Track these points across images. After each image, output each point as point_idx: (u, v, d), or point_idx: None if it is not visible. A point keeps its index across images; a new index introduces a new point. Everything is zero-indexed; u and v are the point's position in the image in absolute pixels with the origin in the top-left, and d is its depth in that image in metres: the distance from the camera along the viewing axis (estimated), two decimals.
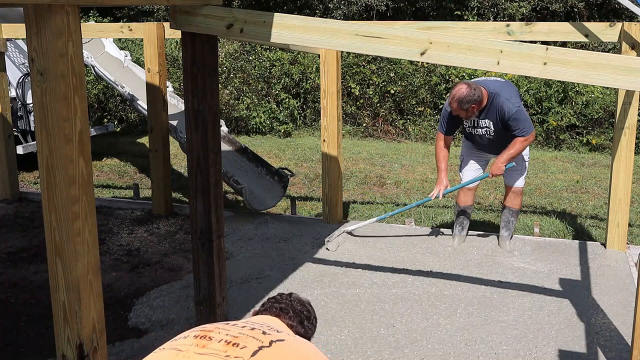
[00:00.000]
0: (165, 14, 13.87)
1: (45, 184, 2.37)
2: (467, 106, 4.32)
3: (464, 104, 4.31)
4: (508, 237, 4.82)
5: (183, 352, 1.57)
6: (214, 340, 1.60)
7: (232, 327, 1.68)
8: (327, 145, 5.26)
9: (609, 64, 2.45)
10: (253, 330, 1.67)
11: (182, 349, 1.58)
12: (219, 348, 1.56)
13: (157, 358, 1.59)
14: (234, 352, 1.55)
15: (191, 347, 1.58)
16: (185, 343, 1.61)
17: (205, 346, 1.58)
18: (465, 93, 4.28)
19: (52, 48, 2.25)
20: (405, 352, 3.28)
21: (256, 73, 10.91)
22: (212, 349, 1.57)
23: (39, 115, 2.32)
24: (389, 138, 10.37)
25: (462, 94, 4.28)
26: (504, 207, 4.84)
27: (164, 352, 1.60)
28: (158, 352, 1.62)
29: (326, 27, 2.82)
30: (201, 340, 1.60)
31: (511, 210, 4.78)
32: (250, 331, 1.66)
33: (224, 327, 1.68)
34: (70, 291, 2.41)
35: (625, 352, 3.24)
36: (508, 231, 4.81)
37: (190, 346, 1.59)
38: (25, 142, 7.56)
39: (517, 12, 12.03)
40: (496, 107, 4.36)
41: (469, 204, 4.88)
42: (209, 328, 1.67)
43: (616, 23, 4.38)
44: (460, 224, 4.89)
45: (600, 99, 9.38)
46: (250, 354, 1.55)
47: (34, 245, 4.93)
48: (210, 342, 1.60)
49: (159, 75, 5.59)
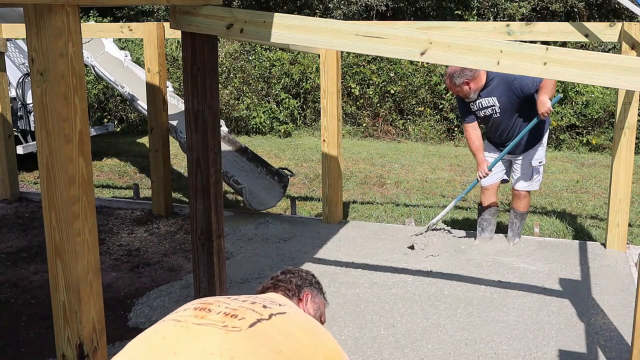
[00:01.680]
0: (165, 14, 13.87)
1: (45, 184, 2.37)
2: (460, 81, 4.41)
3: (454, 78, 4.41)
4: (512, 238, 4.84)
5: (182, 322, 1.59)
6: (213, 312, 1.62)
7: (233, 300, 1.70)
8: (327, 145, 5.26)
9: (609, 63, 2.45)
10: (254, 304, 1.69)
11: (181, 320, 1.61)
12: (217, 319, 1.59)
13: (158, 329, 1.61)
14: (232, 322, 1.57)
15: (190, 318, 1.60)
16: (185, 315, 1.63)
17: (204, 317, 1.60)
18: (456, 68, 4.37)
19: (52, 48, 2.25)
20: (405, 352, 3.28)
21: (256, 73, 10.91)
22: (211, 319, 1.59)
23: (39, 115, 2.32)
24: (389, 138, 10.37)
25: (453, 69, 4.40)
26: (510, 209, 4.90)
27: (164, 324, 1.63)
28: (159, 323, 1.64)
29: (326, 27, 2.82)
30: (200, 312, 1.63)
31: (515, 212, 4.81)
32: (250, 305, 1.68)
33: (225, 300, 1.70)
34: (70, 291, 2.41)
35: (625, 352, 3.24)
36: (512, 232, 4.85)
37: (190, 317, 1.61)
38: (25, 142, 7.56)
39: (517, 12, 12.03)
40: (499, 81, 4.43)
41: (488, 203, 4.85)
42: (209, 301, 1.70)
43: (616, 23, 4.38)
44: (480, 225, 4.90)
45: (600, 99, 9.38)
46: (248, 325, 1.57)
47: (34, 245, 4.93)
48: (209, 313, 1.62)
49: (159, 75, 5.59)
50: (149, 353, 1.53)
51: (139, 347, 1.57)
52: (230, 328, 1.55)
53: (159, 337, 1.57)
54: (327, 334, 1.74)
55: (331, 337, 1.74)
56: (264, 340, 1.54)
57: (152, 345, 1.55)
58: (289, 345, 1.57)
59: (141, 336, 1.62)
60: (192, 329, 1.57)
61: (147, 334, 1.62)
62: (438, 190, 6.94)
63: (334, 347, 1.72)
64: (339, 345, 1.73)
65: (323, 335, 1.72)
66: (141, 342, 1.59)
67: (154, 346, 1.55)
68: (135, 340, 1.63)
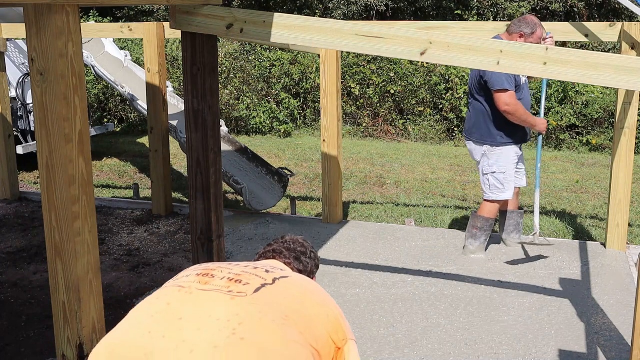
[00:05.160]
0: (165, 14, 13.87)
1: (45, 184, 2.37)
2: (513, 30, 4.18)
3: (511, 25, 4.20)
4: (519, 238, 4.69)
5: (185, 288, 1.58)
6: (216, 278, 1.61)
7: (235, 266, 1.70)
8: (327, 145, 5.26)
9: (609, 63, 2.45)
10: (256, 269, 1.69)
11: (184, 286, 1.59)
12: (221, 284, 1.57)
13: (161, 295, 1.59)
14: (237, 287, 1.56)
15: (194, 284, 1.59)
16: (188, 281, 1.62)
17: (207, 283, 1.59)
18: (521, 17, 4.25)
19: (52, 48, 2.25)
20: (405, 352, 3.27)
21: (256, 73, 10.91)
22: (215, 285, 1.58)
23: (39, 115, 2.32)
24: (389, 138, 10.37)
25: (519, 18, 4.24)
26: (514, 210, 4.69)
27: (167, 290, 1.61)
28: (162, 290, 1.63)
29: (326, 27, 2.82)
30: (204, 278, 1.61)
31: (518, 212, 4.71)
32: (253, 270, 1.67)
33: (227, 266, 1.70)
34: (70, 291, 2.41)
35: (625, 352, 3.24)
36: (519, 232, 4.71)
37: (193, 283, 1.60)
38: (25, 142, 7.56)
39: (517, 12, 12.03)
40: None
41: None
42: (212, 267, 1.69)
43: (616, 23, 4.38)
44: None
45: (600, 99, 9.38)
46: (253, 290, 1.56)
47: (34, 245, 4.93)
48: (213, 279, 1.61)
49: (159, 75, 5.59)
50: (153, 317, 1.51)
51: (143, 313, 1.55)
52: (235, 293, 1.54)
53: (163, 302, 1.55)
54: (329, 297, 1.75)
55: (333, 300, 1.74)
56: (270, 306, 1.53)
57: (157, 311, 1.53)
58: (294, 309, 1.57)
59: (145, 302, 1.61)
60: (197, 295, 1.55)
61: (150, 300, 1.60)
62: (438, 190, 6.94)
63: (335, 309, 1.71)
64: (340, 309, 1.73)
65: (325, 297, 1.72)
66: (146, 307, 1.57)
67: (159, 311, 1.53)
68: (139, 306, 1.62)
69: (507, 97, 4.11)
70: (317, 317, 1.61)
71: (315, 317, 1.60)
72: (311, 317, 1.59)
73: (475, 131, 4.39)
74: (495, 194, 4.41)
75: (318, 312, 1.62)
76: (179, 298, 1.55)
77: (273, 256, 2.00)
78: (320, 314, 1.62)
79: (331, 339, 1.63)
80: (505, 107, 4.13)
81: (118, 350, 1.47)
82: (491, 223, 4.53)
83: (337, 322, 1.67)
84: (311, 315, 1.59)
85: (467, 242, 4.60)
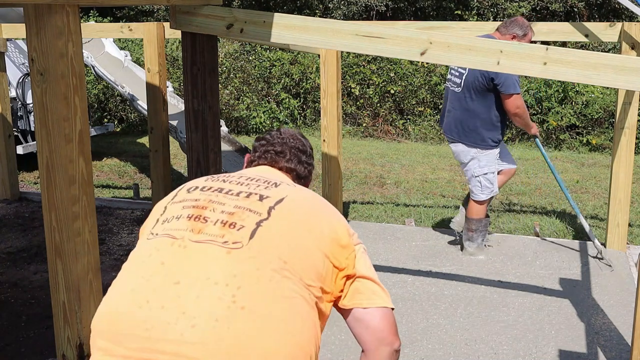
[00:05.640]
0: (165, 14, 13.87)
1: (45, 184, 2.37)
2: (506, 31, 4.21)
3: (504, 26, 4.23)
4: None
5: (178, 240, 1.50)
6: (209, 223, 1.52)
7: (228, 196, 1.59)
8: (327, 145, 5.26)
9: (609, 64, 2.45)
10: (249, 197, 1.58)
11: (177, 236, 1.51)
12: (215, 233, 1.49)
13: (153, 250, 1.51)
14: (232, 236, 1.48)
15: (186, 234, 1.50)
16: (179, 227, 1.52)
17: (201, 231, 1.50)
18: (514, 18, 4.28)
19: (52, 48, 2.25)
20: (405, 352, 3.27)
21: (256, 73, 10.91)
22: (208, 234, 1.49)
23: (39, 115, 2.32)
24: (389, 138, 10.37)
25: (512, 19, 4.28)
26: None
27: (159, 241, 1.52)
28: (154, 240, 1.54)
29: (326, 27, 2.82)
30: (196, 223, 1.52)
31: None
32: (246, 201, 1.57)
33: (219, 198, 1.58)
34: (70, 291, 2.41)
35: (625, 352, 3.24)
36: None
37: (185, 232, 1.51)
38: (25, 142, 7.56)
39: (517, 12, 12.03)
40: None
41: None
42: (203, 203, 1.57)
43: (616, 23, 4.38)
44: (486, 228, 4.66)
45: (600, 99, 9.38)
46: (249, 236, 1.48)
47: (34, 245, 4.93)
48: (206, 225, 1.51)
49: (159, 75, 5.59)
50: (149, 282, 1.44)
51: (138, 275, 1.47)
52: (231, 245, 1.46)
53: (157, 261, 1.47)
54: (332, 210, 1.65)
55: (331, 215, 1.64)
56: (267, 252, 1.46)
57: (151, 273, 1.46)
58: (292, 247, 1.49)
59: (138, 258, 1.52)
60: (191, 250, 1.47)
61: (143, 256, 1.51)
62: (438, 190, 6.93)
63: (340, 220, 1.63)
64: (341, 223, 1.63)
65: (327, 211, 1.64)
66: (140, 268, 1.49)
67: (153, 273, 1.45)
68: (132, 262, 1.52)
69: (519, 101, 4.21)
70: (320, 242, 1.53)
71: (319, 242, 1.53)
72: (311, 248, 1.51)
73: (467, 134, 4.35)
74: (486, 194, 4.43)
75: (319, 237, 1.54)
76: (172, 255, 1.47)
77: (274, 160, 1.86)
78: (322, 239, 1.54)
79: (332, 265, 1.55)
80: (516, 110, 4.22)
81: (119, 325, 1.41)
82: (485, 222, 4.54)
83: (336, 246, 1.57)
84: (311, 247, 1.51)
85: (465, 245, 4.60)
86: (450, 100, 4.45)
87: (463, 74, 4.31)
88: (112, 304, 1.47)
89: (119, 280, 1.52)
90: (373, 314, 1.60)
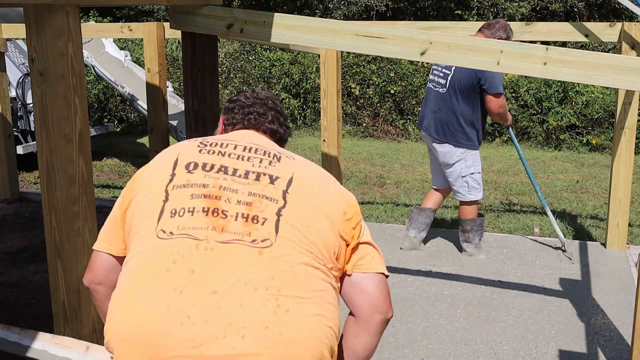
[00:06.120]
0: (165, 14, 13.87)
1: (45, 184, 2.37)
2: (489, 33, 4.23)
3: (487, 27, 4.27)
4: None
5: (203, 241, 1.41)
6: (229, 218, 1.44)
7: (237, 180, 1.51)
8: (327, 145, 5.26)
9: (609, 63, 2.45)
10: (259, 180, 1.52)
11: (199, 237, 1.41)
12: (240, 230, 1.43)
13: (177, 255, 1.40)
14: (258, 232, 1.43)
15: (209, 233, 1.42)
16: (199, 225, 1.43)
17: (224, 229, 1.42)
18: (498, 21, 4.33)
19: (52, 48, 2.25)
20: (405, 352, 3.27)
21: (256, 73, 10.91)
22: (234, 232, 1.42)
23: (39, 115, 2.32)
24: (389, 138, 10.37)
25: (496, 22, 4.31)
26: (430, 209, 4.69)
27: (179, 243, 1.41)
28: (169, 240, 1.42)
29: (326, 27, 2.82)
30: (216, 220, 1.43)
31: None
32: (258, 185, 1.50)
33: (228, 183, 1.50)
34: (70, 291, 2.41)
35: (625, 352, 3.24)
36: None
37: (208, 231, 1.42)
38: (25, 142, 7.56)
39: (517, 12, 12.03)
40: None
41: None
42: (214, 191, 1.48)
43: (616, 23, 4.38)
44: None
45: (600, 99, 9.38)
46: (275, 229, 1.43)
47: (34, 245, 4.93)
48: (227, 221, 1.44)
49: (159, 75, 5.58)
50: (183, 294, 1.34)
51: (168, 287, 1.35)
52: (260, 244, 1.41)
53: (185, 269, 1.37)
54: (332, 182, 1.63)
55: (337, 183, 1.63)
56: (296, 250, 1.43)
57: (184, 284, 1.35)
58: (314, 235, 1.47)
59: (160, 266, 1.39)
60: (219, 252, 1.39)
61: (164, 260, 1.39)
62: None
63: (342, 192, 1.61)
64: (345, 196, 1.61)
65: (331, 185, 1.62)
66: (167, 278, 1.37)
67: (186, 284, 1.35)
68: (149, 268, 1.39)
69: (503, 100, 4.33)
70: (334, 221, 1.52)
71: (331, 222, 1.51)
72: (327, 232, 1.50)
73: (454, 134, 4.35)
74: (473, 195, 4.45)
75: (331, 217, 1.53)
76: (201, 260, 1.38)
77: (258, 122, 1.79)
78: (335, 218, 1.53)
79: (344, 242, 1.55)
80: (499, 110, 4.33)
81: (166, 347, 1.31)
82: (480, 221, 4.56)
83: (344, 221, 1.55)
84: (326, 231, 1.50)
85: (463, 246, 4.61)
86: (435, 101, 4.44)
87: (448, 75, 4.32)
88: (147, 324, 1.35)
89: (140, 289, 1.39)
90: (371, 279, 1.57)
